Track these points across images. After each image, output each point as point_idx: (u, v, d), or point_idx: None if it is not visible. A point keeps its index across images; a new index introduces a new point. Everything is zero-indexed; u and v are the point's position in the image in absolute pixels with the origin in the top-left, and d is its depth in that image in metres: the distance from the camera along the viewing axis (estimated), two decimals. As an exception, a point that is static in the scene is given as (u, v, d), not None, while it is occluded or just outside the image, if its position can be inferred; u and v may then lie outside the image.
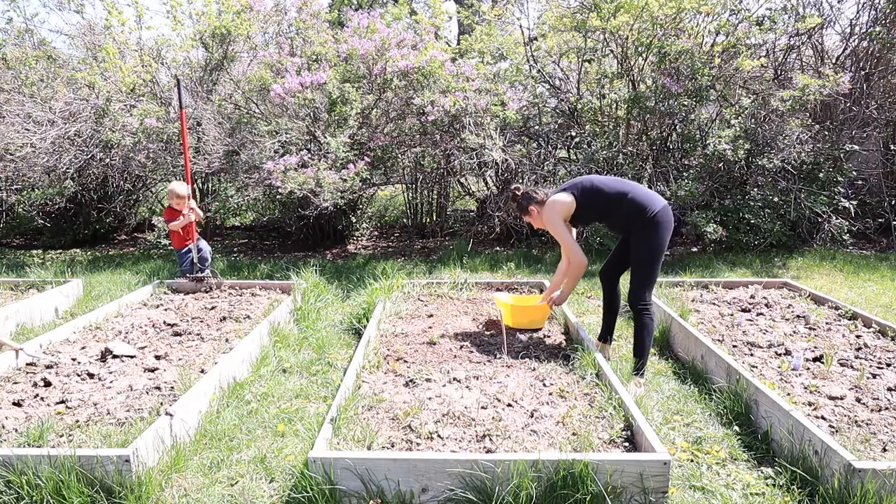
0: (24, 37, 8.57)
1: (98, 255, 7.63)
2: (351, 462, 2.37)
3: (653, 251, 3.49)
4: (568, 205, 3.62)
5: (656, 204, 3.50)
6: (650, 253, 3.50)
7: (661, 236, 3.48)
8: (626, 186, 3.58)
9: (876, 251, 7.44)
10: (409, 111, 7.04)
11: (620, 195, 3.53)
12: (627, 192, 3.53)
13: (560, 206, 3.62)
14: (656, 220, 3.47)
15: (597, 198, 3.59)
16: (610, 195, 3.56)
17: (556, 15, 7.38)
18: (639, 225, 3.50)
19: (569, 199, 3.61)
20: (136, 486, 2.40)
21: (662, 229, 3.48)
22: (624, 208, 3.52)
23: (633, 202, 3.50)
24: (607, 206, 3.58)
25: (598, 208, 3.63)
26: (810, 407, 2.99)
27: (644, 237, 3.49)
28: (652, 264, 3.52)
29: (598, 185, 3.61)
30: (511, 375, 3.37)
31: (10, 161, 6.94)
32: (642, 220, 3.48)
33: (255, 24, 7.31)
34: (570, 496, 2.31)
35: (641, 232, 3.50)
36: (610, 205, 3.57)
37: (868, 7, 7.44)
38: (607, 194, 3.56)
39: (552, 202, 3.65)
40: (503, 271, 6.41)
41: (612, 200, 3.55)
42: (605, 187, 3.59)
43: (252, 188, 6.98)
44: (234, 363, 3.57)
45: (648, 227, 3.47)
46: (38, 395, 3.16)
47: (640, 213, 3.48)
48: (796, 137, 7.19)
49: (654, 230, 3.47)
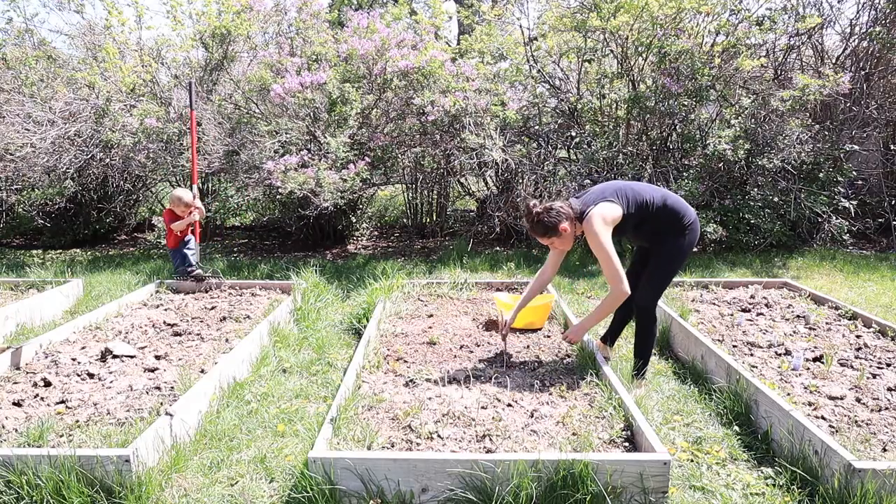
0: (24, 37, 8.57)
1: (98, 255, 7.63)
2: (351, 462, 2.37)
3: (677, 259, 3.36)
4: (618, 217, 3.20)
5: (691, 213, 3.36)
6: (675, 261, 3.36)
7: (690, 245, 3.35)
8: (661, 192, 3.35)
9: (876, 251, 7.44)
10: (409, 111, 7.04)
11: (662, 202, 3.30)
12: (666, 198, 3.32)
13: (610, 219, 3.17)
14: (691, 227, 3.34)
15: (640, 208, 3.27)
16: (653, 203, 3.28)
17: (556, 15, 7.38)
18: (672, 232, 3.32)
19: (619, 212, 3.20)
20: (136, 486, 2.40)
21: (693, 238, 3.36)
22: (662, 215, 3.30)
23: (671, 209, 3.31)
24: (648, 215, 3.29)
25: (639, 217, 3.29)
26: (810, 407, 2.99)
27: (674, 245, 3.33)
28: (673, 272, 3.40)
29: (639, 191, 3.30)
30: (511, 375, 3.37)
31: (10, 161, 6.94)
32: (677, 227, 3.32)
33: (255, 24, 7.31)
34: (570, 496, 2.31)
35: (673, 240, 3.33)
36: (651, 214, 3.29)
37: (868, 7, 7.44)
38: (650, 203, 3.28)
39: (600, 215, 3.15)
40: (503, 271, 6.41)
41: (654, 209, 3.28)
42: (646, 194, 3.30)
43: (252, 188, 6.98)
44: (234, 363, 3.57)
45: (681, 234, 3.32)
46: (38, 395, 3.16)
47: (677, 221, 3.31)
48: (796, 137, 7.19)
49: (685, 238, 3.32)
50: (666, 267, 3.39)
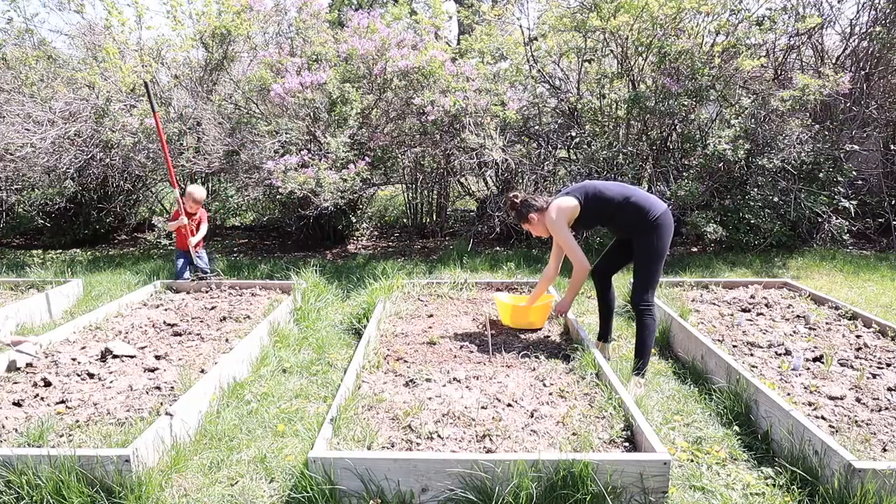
0: (24, 37, 8.56)
1: (98, 255, 7.63)
2: (351, 462, 2.37)
3: (654, 254, 3.54)
4: (573, 209, 3.63)
5: (658, 208, 3.55)
6: (652, 255, 3.54)
7: (663, 239, 3.53)
8: (629, 191, 3.61)
9: (876, 251, 7.44)
10: (409, 111, 7.04)
11: (624, 199, 3.57)
12: (630, 196, 3.58)
13: (565, 210, 3.63)
14: (658, 223, 3.52)
15: (600, 202, 3.62)
16: (613, 200, 3.59)
17: (556, 15, 7.38)
18: (641, 228, 3.54)
19: (573, 203, 3.62)
20: (136, 486, 2.40)
21: (664, 232, 3.53)
22: (627, 212, 3.56)
23: (635, 206, 3.54)
24: (611, 210, 3.61)
25: (602, 212, 3.65)
26: (810, 407, 2.99)
27: (646, 240, 3.53)
28: (654, 266, 3.57)
29: (602, 189, 3.63)
30: (511, 375, 3.37)
31: (10, 161, 6.94)
32: (645, 223, 3.52)
33: (255, 24, 7.31)
34: (570, 496, 2.31)
35: (644, 235, 3.54)
36: (613, 209, 3.60)
37: (868, 7, 7.44)
38: (611, 199, 3.59)
39: (557, 206, 3.65)
40: (503, 271, 6.41)
41: (615, 205, 3.58)
42: (609, 192, 3.61)
43: (252, 188, 6.97)
44: (234, 363, 3.57)
45: (651, 230, 3.52)
46: (38, 395, 3.16)
47: (643, 217, 3.52)
48: (796, 137, 7.18)
49: (655, 233, 3.52)
50: (645, 263, 3.60)
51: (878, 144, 7.94)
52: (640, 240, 3.56)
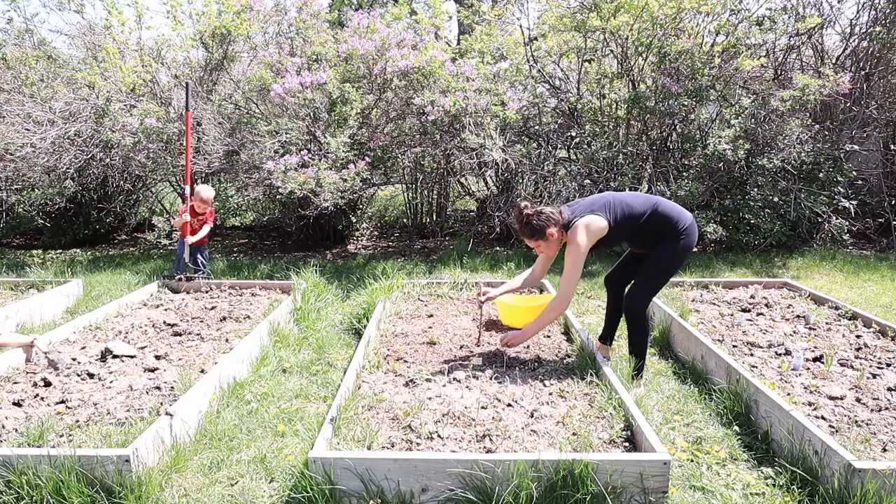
0: (24, 37, 8.57)
1: (98, 255, 7.63)
2: (351, 462, 2.37)
3: (672, 264, 3.38)
4: (601, 230, 3.27)
5: (686, 217, 3.37)
6: (670, 265, 3.38)
7: (686, 248, 3.35)
8: (653, 199, 3.40)
9: (876, 251, 7.44)
10: (409, 111, 7.04)
11: (651, 210, 3.34)
12: (656, 204, 3.36)
13: (595, 231, 3.25)
14: (686, 232, 3.33)
15: (630, 220, 3.33)
16: (640, 212, 3.34)
17: (556, 15, 7.38)
18: (668, 236, 3.34)
19: (603, 224, 3.27)
20: (136, 486, 2.40)
21: (689, 241, 3.35)
22: (654, 222, 3.34)
23: (663, 215, 3.34)
24: (638, 224, 3.34)
25: (630, 229, 3.36)
26: (810, 407, 2.99)
27: (669, 248, 3.33)
28: (667, 275, 3.41)
29: (629, 203, 3.36)
30: (511, 375, 3.37)
31: (10, 161, 6.94)
32: (673, 231, 3.33)
33: (255, 24, 7.31)
34: (570, 496, 2.31)
35: (669, 242, 3.34)
36: (641, 222, 3.34)
37: (868, 7, 7.44)
38: (639, 213, 3.34)
39: (585, 226, 3.24)
40: (503, 271, 6.41)
41: (643, 217, 3.33)
42: (636, 205, 3.35)
43: (252, 188, 6.98)
44: (234, 363, 3.57)
45: (677, 239, 3.33)
46: (38, 395, 3.16)
47: (672, 226, 3.33)
48: (796, 137, 7.19)
49: (680, 242, 3.33)
50: (661, 269, 3.40)
51: (878, 144, 7.94)
52: (664, 247, 3.34)
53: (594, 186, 7.06)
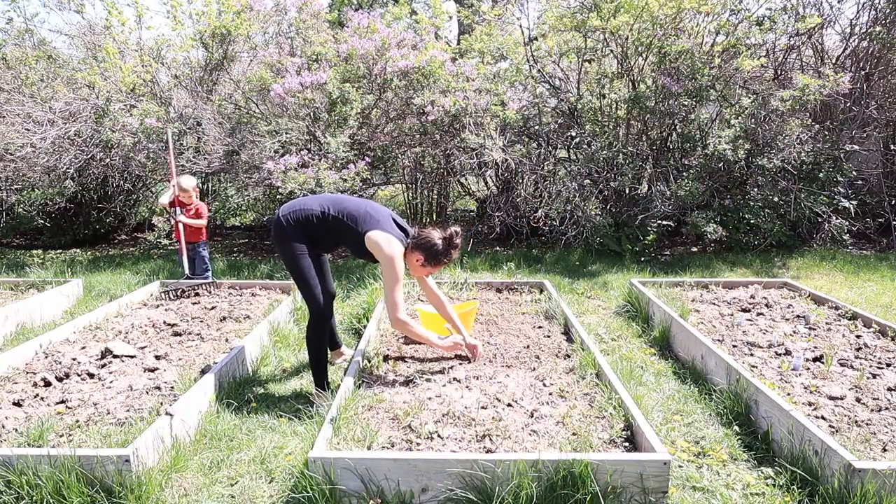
0: (24, 37, 8.57)
1: (98, 255, 7.63)
2: (351, 462, 2.37)
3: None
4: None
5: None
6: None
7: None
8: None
9: (876, 251, 7.44)
10: (409, 111, 7.05)
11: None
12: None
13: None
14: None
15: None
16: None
17: (556, 15, 7.38)
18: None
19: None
20: (136, 486, 2.40)
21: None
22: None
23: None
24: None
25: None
26: (810, 407, 2.99)
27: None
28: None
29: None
30: (511, 375, 3.37)
31: (10, 161, 6.94)
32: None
33: (255, 24, 7.31)
34: (570, 496, 2.31)
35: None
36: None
37: (868, 7, 7.44)
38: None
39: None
40: (503, 271, 6.41)
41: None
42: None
43: (252, 188, 6.98)
44: (235, 363, 3.56)
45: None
46: (38, 395, 3.16)
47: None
48: (796, 137, 7.18)
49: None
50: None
51: (878, 144, 7.94)
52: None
53: (594, 186, 7.07)
